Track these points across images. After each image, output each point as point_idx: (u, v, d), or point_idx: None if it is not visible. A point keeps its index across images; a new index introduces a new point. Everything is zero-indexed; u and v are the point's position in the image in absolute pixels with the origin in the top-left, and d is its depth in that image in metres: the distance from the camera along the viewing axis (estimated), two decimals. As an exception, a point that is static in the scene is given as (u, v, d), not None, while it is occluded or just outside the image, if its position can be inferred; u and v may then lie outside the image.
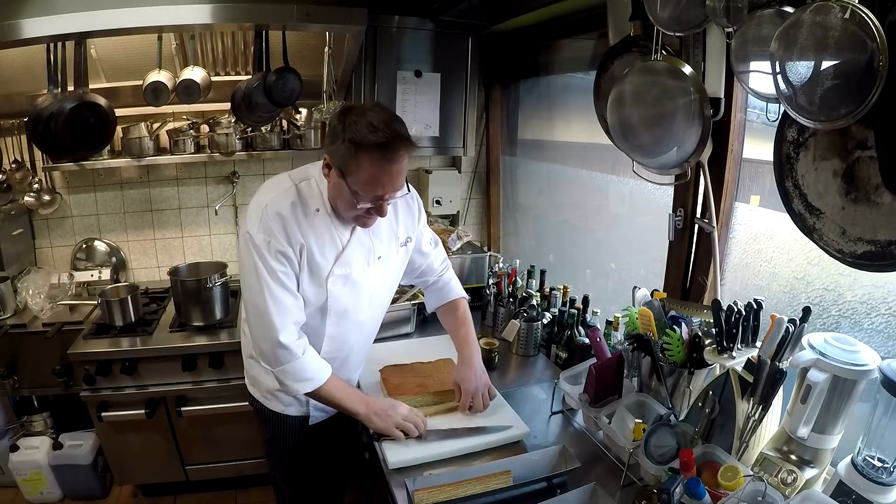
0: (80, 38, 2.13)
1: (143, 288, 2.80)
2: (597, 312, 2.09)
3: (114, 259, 3.04)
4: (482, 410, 1.70)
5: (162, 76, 2.48)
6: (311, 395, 1.58)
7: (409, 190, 1.59)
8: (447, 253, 2.54)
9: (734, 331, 1.40)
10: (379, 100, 2.76)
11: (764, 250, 1.65)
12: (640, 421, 1.44)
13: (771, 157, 1.33)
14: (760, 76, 1.29)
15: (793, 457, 1.23)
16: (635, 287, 1.72)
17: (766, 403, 1.28)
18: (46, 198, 2.80)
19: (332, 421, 1.83)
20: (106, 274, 2.92)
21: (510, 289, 2.41)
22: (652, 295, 1.70)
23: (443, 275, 1.95)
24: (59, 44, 2.13)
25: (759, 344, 1.38)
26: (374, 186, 1.41)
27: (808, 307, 1.29)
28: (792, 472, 1.20)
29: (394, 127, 1.37)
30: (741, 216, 1.72)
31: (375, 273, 1.67)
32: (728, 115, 1.58)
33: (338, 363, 1.68)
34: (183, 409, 2.42)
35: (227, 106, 2.62)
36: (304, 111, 2.89)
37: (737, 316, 1.39)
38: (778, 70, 1.12)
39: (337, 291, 1.59)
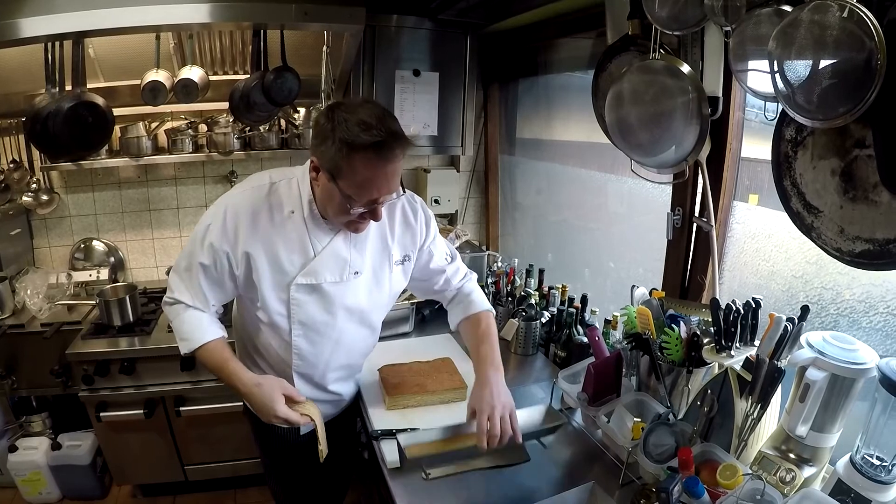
0: (78, 38, 2.12)
1: (141, 288, 2.79)
2: (595, 311, 2.09)
3: (112, 259, 3.03)
4: (502, 439, 1.41)
5: (160, 75, 2.48)
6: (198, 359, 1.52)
7: (403, 191, 1.49)
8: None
9: (732, 329, 1.40)
10: (377, 99, 2.76)
11: (762, 249, 1.65)
12: (639, 420, 1.44)
13: (769, 156, 1.33)
14: (759, 75, 1.29)
15: (791, 455, 1.24)
16: (634, 286, 1.72)
17: (764, 402, 1.28)
18: (44, 197, 2.80)
19: (328, 429, 1.79)
20: (104, 274, 2.91)
21: (509, 288, 2.42)
22: (650, 294, 1.70)
23: (462, 287, 1.77)
24: (57, 43, 2.12)
25: (757, 342, 1.38)
26: (368, 190, 1.30)
27: (807, 306, 1.30)
28: (791, 470, 1.20)
29: (388, 124, 1.26)
30: (739, 215, 1.73)
31: (355, 289, 1.55)
32: (726, 113, 1.58)
33: (315, 380, 1.63)
34: (181, 409, 2.42)
35: (225, 105, 2.62)
36: (302, 110, 2.89)
37: (735, 315, 1.39)
38: (776, 69, 1.12)
39: (301, 300, 1.49)
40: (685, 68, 1.51)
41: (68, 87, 2.22)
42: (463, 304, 1.75)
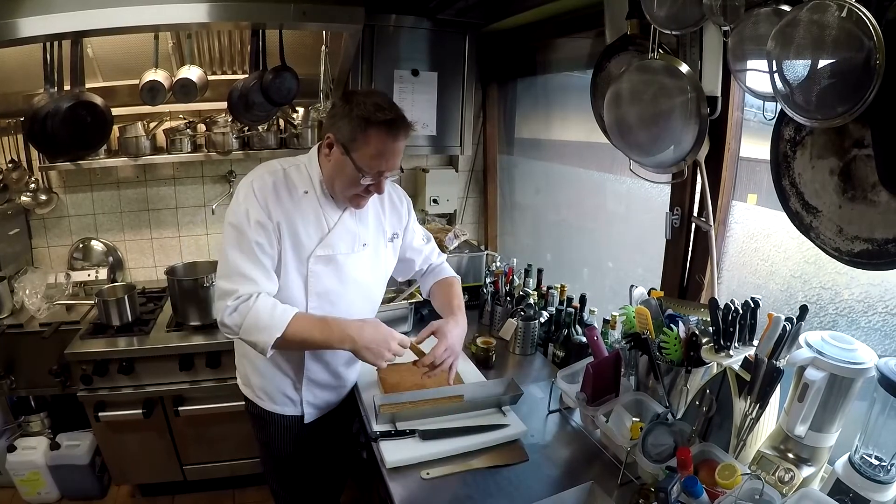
0: (77, 38, 2.12)
1: (139, 287, 2.79)
2: (594, 311, 2.09)
3: (111, 259, 3.03)
4: (438, 375, 1.70)
5: (158, 75, 2.47)
6: (284, 344, 1.52)
7: (402, 171, 1.66)
8: (444, 252, 2.55)
9: (731, 329, 1.40)
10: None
11: (761, 249, 1.65)
12: (638, 419, 1.44)
13: (768, 156, 1.33)
14: (757, 75, 1.30)
15: (790, 455, 1.24)
16: (632, 286, 1.72)
17: (763, 402, 1.28)
18: (43, 197, 2.80)
19: (327, 419, 1.84)
20: (103, 273, 2.91)
21: (507, 287, 2.42)
22: (649, 293, 1.70)
23: (435, 262, 2.02)
24: (56, 43, 2.12)
25: (756, 342, 1.38)
26: (378, 161, 1.48)
27: (805, 306, 1.30)
28: (789, 470, 1.20)
29: (396, 109, 1.49)
30: (738, 215, 1.73)
31: (362, 261, 1.70)
32: (725, 113, 1.58)
33: (326, 356, 1.70)
34: (180, 408, 2.42)
35: (223, 105, 2.61)
36: (301, 110, 2.89)
37: (734, 314, 1.39)
38: (775, 69, 1.12)
39: (319, 271, 1.61)
40: (684, 68, 1.51)
41: (67, 87, 2.22)
42: (434, 272, 2.01)
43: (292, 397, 1.75)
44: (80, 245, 3.00)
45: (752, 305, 1.40)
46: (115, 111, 2.43)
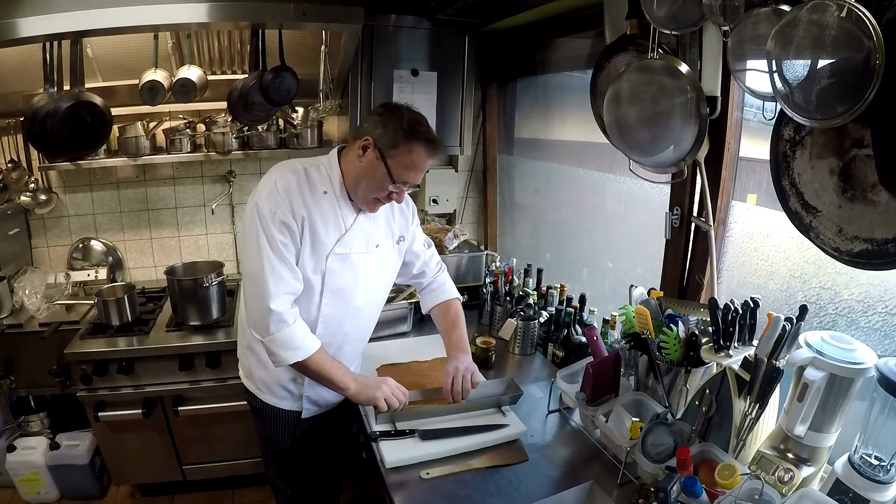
0: (77, 38, 2.12)
1: (139, 287, 2.78)
2: (594, 311, 2.09)
3: (110, 259, 3.03)
4: (464, 393, 1.70)
5: (158, 75, 2.47)
6: (300, 367, 1.60)
7: (418, 186, 1.69)
8: (444, 252, 2.55)
9: (731, 329, 1.40)
10: (376, 99, 2.77)
11: (760, 249, 1.65)
12: (638, 419, 1.44)
13: (768, 156, 1.33)
14: (757, 75, 1.30)
15: (790, 455, 1.24)
16: (632, 286, 1.72)
17: (762, 402, 1.28)
18: (43, 197, 2.80)
19: (326, 417, 1.86)
20: (102, 273, 2.90)
21: (507, 287, 2.42)
22: (649, 293, 1.70)
23: (437, 276, 2.00)
24: (55, 43, 2.11)
25: (755, 342, 1.38)
26: (409, 172, 1.56)
27: (805, 306, 1.30)
28: (789, 470, 1.20)
29: (434, 132, 1.60)
30: (738, 215, 1.73)
31: (373, 261, 1.74)
32: (725, 113, 1.58)
33: (332, 351, 1.70)
34: (180, 408, 2.42)
35: (223, 105, 2.61)
36: (300, 110, 2.89)
37: (733, 314, 1.40)
38: (774, 68, 1.12)
39: (335, 269, 1.65)
40: (683, 68, 1.51)
41: (66, 87, 2.22)
42: (436, 291, 1.99)
43: (293, 391, 1.77)
44: (80, 245, 2.99)
45: (752, 305, 1.40)
46: (115, 111, 2.43)
